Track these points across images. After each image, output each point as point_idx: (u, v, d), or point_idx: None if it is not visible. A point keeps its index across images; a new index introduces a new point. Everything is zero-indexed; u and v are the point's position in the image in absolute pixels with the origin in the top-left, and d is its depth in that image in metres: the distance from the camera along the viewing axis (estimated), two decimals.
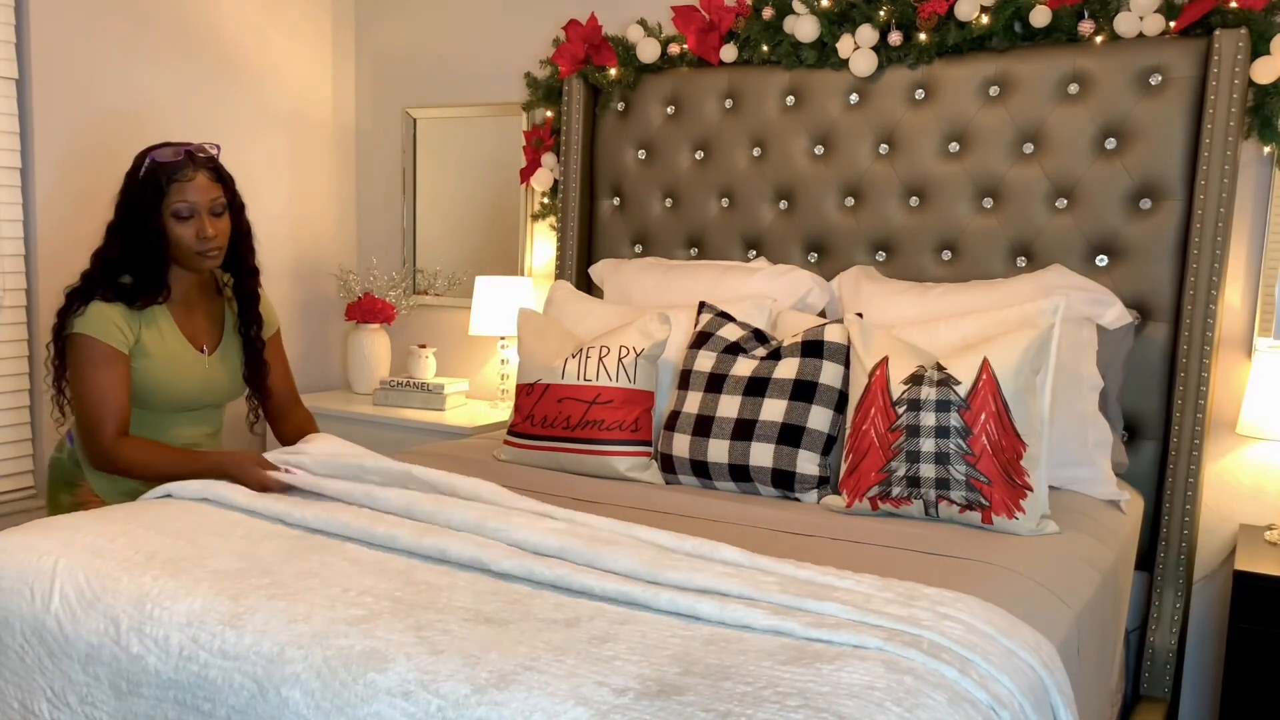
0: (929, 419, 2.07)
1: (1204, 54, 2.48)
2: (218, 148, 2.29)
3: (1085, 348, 2.43)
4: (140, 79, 3.32)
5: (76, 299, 2.21)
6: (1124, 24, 2.56)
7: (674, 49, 3.15)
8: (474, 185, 3.86)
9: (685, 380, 2.51)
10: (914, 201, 2.86)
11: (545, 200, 3.48)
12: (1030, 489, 2.05)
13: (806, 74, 2.96)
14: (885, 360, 2.18)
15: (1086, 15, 2.61)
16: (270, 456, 2.18)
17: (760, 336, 2.53)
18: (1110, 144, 2.61)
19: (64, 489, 2.35)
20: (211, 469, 2.17)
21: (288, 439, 2.50)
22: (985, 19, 2.68)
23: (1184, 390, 2.51)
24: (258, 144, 3.71)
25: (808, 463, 2.30)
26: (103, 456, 2.20)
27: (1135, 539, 2.45)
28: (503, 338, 3.52)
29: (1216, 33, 2.44)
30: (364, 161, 4.07)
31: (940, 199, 2.81)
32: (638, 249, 3.28)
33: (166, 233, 2.20)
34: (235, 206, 2.32)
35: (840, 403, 2.34)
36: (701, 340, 2.55)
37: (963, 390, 2.06)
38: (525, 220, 3.67)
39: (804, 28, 2.88)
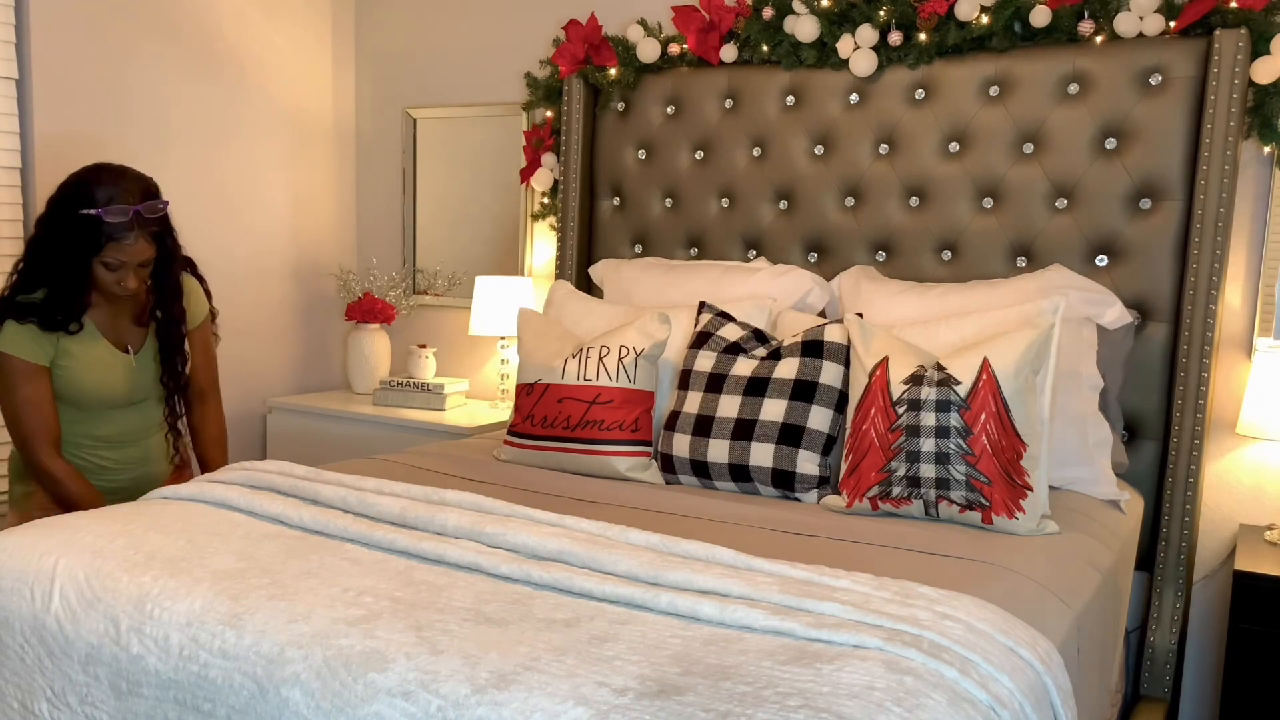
0: (929, 419, 2.07)
1: (1204, 54, 2.48)
2: (166, 204, 2.28)
3: (1085, 348, 2.43)
4: (140, 79, 3.32)
5: None
6: (1124, 24, 2.56)
7: (674, 49, 3.15)
8: (474, 185, 3.85)
9: (685, 380, 2.51)
10: (914, 201, 2.86)
11: (545, 200, 3.48)
12: (1030, 489, 2.05)
13: (806, 74, 2.96)
14: (885, 360, 2.17)
15: (1086, 15, 2.61)
16: None
17: (760, 336, 2.53)
18: (1110, 144, 2.61)
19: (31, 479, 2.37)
20: None
21: (194, 427, 2.56)
22: (985, 19, 2.67)
23: (1184, 390, 2.51)
24: (258, 144, 3.71)
25: (808, 463, 2.30)
26: (38, 468, 2.29)
27: (1135, 539, 2.45)
28: (503, 338, 3.52)
29: (1216, 33, 2.44)
30: (364, 161, 4.07)
31: (940, 199, 2.81)
32: (638, 249, 3.28)
33: (91, 272, 2.23)
34: (172, 257, 2.35)
35: (840, 403, 2.34)
36: (701, 340, 2.55)
37: (963, 390, 2.06)
38: (525, 220, 3.67)
39: (804, 28, 2.88)
